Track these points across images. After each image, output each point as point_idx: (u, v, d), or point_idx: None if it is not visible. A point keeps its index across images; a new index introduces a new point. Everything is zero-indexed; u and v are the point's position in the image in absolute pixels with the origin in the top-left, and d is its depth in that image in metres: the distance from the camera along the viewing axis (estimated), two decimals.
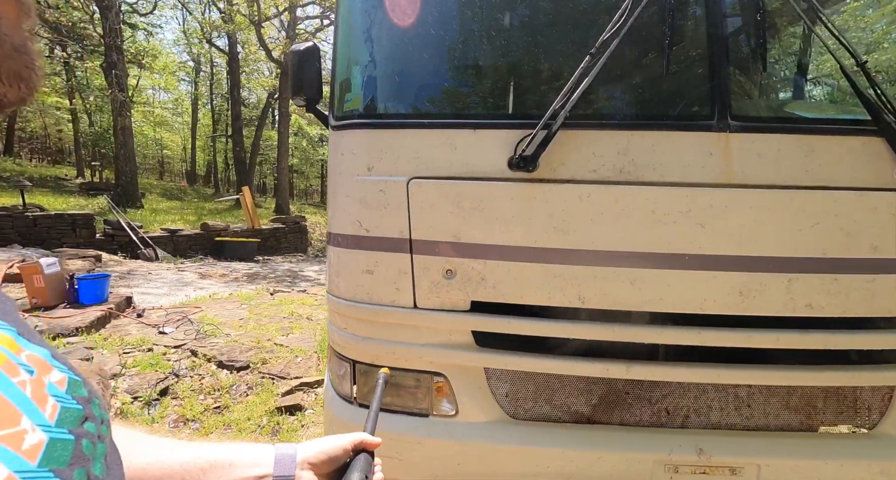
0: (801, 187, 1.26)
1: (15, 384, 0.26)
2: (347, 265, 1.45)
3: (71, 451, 0.28)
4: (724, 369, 1.33)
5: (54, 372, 0.30)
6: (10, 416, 0.25)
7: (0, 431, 0.23)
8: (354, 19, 1.52)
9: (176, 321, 4.41)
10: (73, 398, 0.30)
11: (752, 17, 1.32)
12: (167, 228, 9.67)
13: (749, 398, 1.41)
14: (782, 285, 1.27)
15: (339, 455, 0.56)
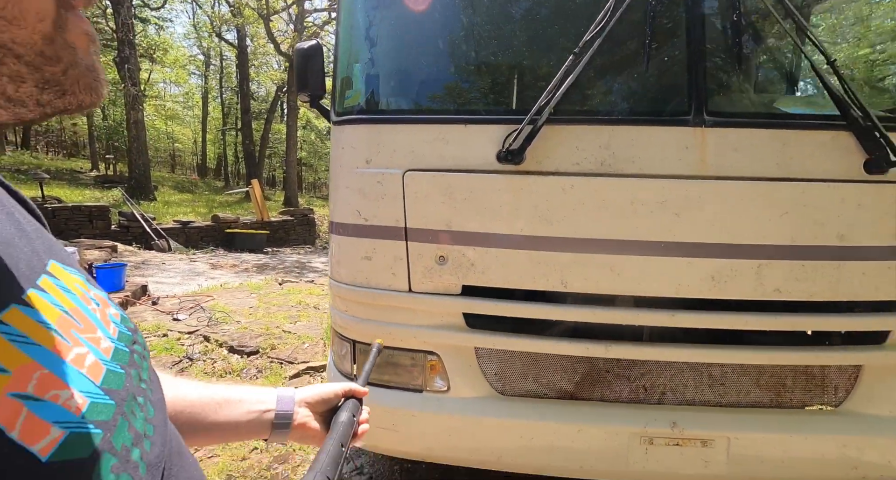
0: (772, 178, 1.34)
1: (89, 309, 0.36)
2: (348, 252, 1.56)
3: (127, 358, 0.37)
4: (697, 349, 1.42)
5: (111, 308, 0.40)
6: (89, 327, 0.34)
7: (85, 334, 0.33)
8: (354, 21, 1.61)
9: (189, 309, 4.58)
10: (125, 327, 0.39)
11: (728, 17, 1.39)
12: (179, 220, 9.90)
13: (723, 376, 1.50)
14: (753, 271, 1.35)
15: (331, 398, 0.65)
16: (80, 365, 0.30)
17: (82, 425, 0.28)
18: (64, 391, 0.28)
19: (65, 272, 0.36)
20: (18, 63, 0.27)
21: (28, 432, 0.25)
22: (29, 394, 0.26)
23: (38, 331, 0.29)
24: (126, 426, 0.32)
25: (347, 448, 0.54)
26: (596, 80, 1.44)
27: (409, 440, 1.56)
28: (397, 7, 1.56)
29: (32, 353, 0.28)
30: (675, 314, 1.39)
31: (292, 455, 2.34)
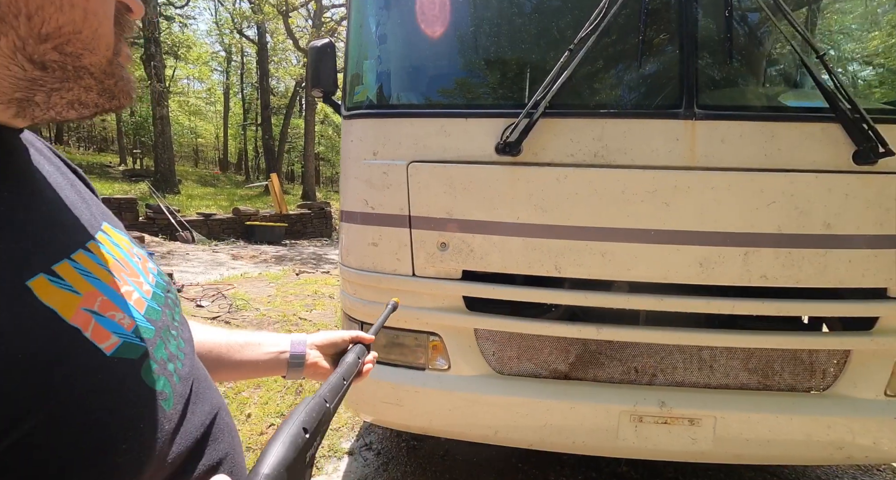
0: (760, 169, 1.39)
1: (134, 261, 0.45)
2: (356, 239, 1.67)
3: (163, 300, 0.46)
4: (686, 332, 1.49)
5: (150, 263, 0.49)
6: (134, 273, 0.44)
7: (132, 278, 0.43)
8: (363, 21, 1.71)
9: (211, 296, 4.81)
10: (160, 279, 0.49)
11: (719, 12, 1.43)
12: (202, 212, 10.25)
13: (712, 359, 1.56)
14: (739, 258, 1.41)
15: (339, 342, 0.72)
16: (128, 298, 0.40)
17: (132, 337, 0.37)
18: (118, 313, 0.37)
19: (114, 232, 0.46)
20: (91, 79, 0.36)
21: (97, 334, 0.34)
22: (95, 310, 0.35)
23: (98, 270, 0.38)
24: (163, 346, 0.42)
25: (350, 382, 0.60)
26: (591, 74, 1.50)
27: (413, 414, 1.68)
28: (402, 8, 1.65)
29: (95, 284, 0.37)
30: (664, 298, 1.46)
31: None
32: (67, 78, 0.34)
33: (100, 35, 0.35)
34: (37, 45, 0.32)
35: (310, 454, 0.42)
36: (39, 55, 0.32)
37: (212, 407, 0.48)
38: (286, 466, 0.37)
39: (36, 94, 0.34)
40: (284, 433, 0.39)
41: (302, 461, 0.40)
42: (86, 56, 0.35)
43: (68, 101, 0.35)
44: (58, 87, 0.34)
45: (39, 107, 0.34)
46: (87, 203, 0.45)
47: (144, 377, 0.37)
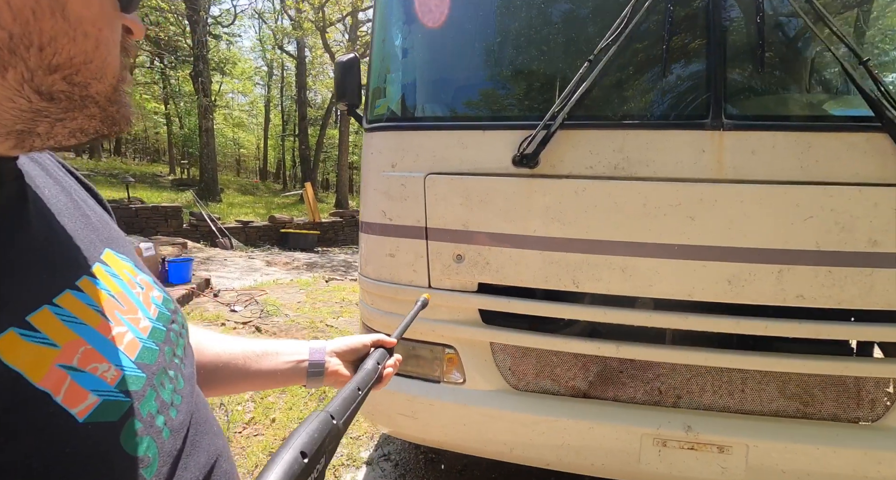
0: (795, 182, 1.30)
1: (134, 293, 0.41)
2: (374, 250, 1.69)
3: (163, 336, 0.42)
4: (713, 352, 1.40)
5: (155, 290, 0.45)
6: (131, 309, 0.40)
7: (127, 315, 0.39)
8: (384, 36, 1.75)
9: (245, 302, 4.99)
10: (165, 308, 0.45)
11: (750, 17, 1.37)
12: (241, 220, 10.71)
13: (743, 383, 1.46)
14: (772, 276, 1.32)
15: (359, 348, 0.69)
16: (119, 342, 0.36)
17: (114, 393, 0.33)
18: (102, 364, 0.33)
19: (116, 259, 0.43)
20: (96, 107, 0.35)
21: (70, 397, 0.30)
22: (73, 366, 0.31)
23: (86, 313, 0.35)
24: (154, 396, 0.37)
25: (365, 391, 0.57)
26: (611, 84, 1.47)
27: (427, 427, 1.66)
28: (421, 24, 1.68)
29: (79, 331, 0.33)
30: (689, 316, 1.38)
31: None
32: (73, 107, 0.33)
33: (108, 63, 0.34)
34: (45, 77, 0.31)
35: (313, 477, 0.39)
36: (47, 86, 0.31)
37: (209, 457, 0.44)
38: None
39: (39, 125, 0.32)
40: (279, 460, 0.36)
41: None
42: (93, 85, 0.34)
43: (70, 130, 0.34)
44: (62, 117, 0.33)
45: (40, 137, 0.33)
46: (91, 226, 0.43)
47: (124, 444, 0.33)
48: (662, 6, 1.40)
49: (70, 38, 0.31)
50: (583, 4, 1.57)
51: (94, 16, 0.32)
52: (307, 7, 15.86)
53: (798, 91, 1.44)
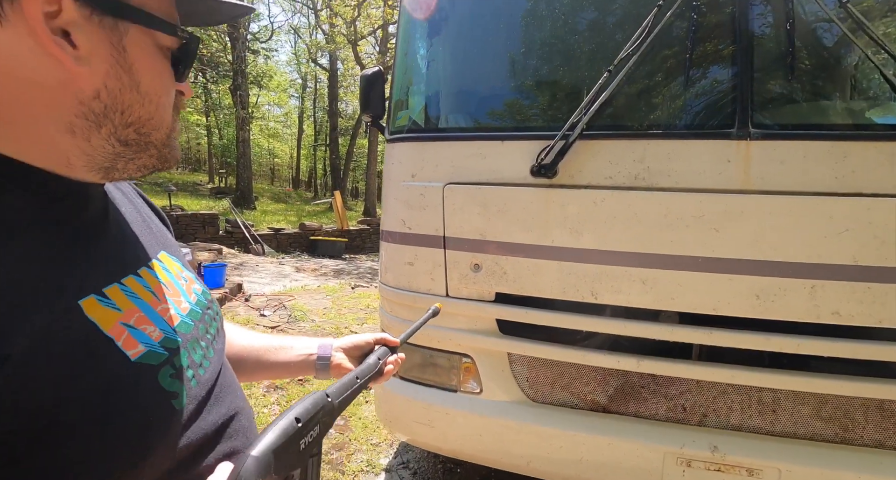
0: (829, 193, 1.24)
1: (179, 283, 0.55)
2: (393, 258, 1.72)
3: (199, 316, 0.55)
4: (742, 370, 1.34)
5: (196, 284, 0.59)
6: (176, 293, 0.53)
7: (172, 297, 0.52)
8: (406, 50, 1.80)
9: (274, 306, 5.14)
10: (203, 298, 0.58)
11: (779, 23, 1.33)
12: (273, 227, 11.07)
13: (775, 403, 1.39)
14: (804, 291, 1.26)
15: (363, 345, 0.78)
16: (163, 315, 0.49)
17: (157, 347, 0.46)
18: (150, 326, 0.46)
19: (169, 259, 0.57)
20: (154, 149, 0.47)
21: (126, 344, 0.43)
22: (130, 324, 0.44)
23: (142, 291, 0.48)
24: (186, 355, 0.49)
25: (364, 380, 0.64)
26: (632, 94, 1.45)
27: (444, 437, 1.67)
28: (441, 37, 1.72)
29: (136, 303, 0.46)
30: (713, 331, 1.33)
31: (348, 444, 2.56)
32: (140, 150, 0.46)
33: (164, 119, 0.47)
34: (123, 130, 0.44)
35: (304, 441, 0.47)
36: (124, 136, 0.44)
37: (229, 410, 0.54)
38: (273, 450, 0.42)
39: (118, 163, 0.46)
40: (277, 423, 0.45)
41: (294, 447, 0.45)
42: (153, 134, 0.47)
43: (137, 166, 0.47)
44: (132, 157, 0.46)
45: (118, 171, 0.46)
46: (153, 235, 0.57)
47: (160, 380, 0.45)
48: (686, 14, 1.38)
49: (140, 104, 0.44)
50: (602, 14, 1.57)
51: (157, 88, 0.46)
52: (340, 22, 16.43)
53: (832, 99, 1.38)
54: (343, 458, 2.42)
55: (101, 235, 0.48)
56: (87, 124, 0.42)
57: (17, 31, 0.36)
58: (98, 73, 0.41)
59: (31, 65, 0.38)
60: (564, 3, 1.56)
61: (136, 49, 0.43)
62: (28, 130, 0.40)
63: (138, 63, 0.43)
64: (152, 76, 0.45)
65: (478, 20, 1.67)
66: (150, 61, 0.44)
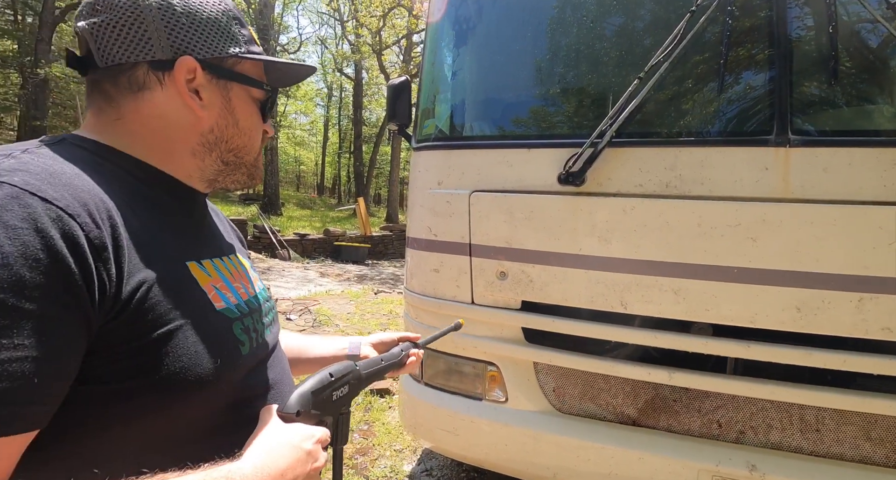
0: (877, 202, 1.18)
1: (250, 275, 0.70)
2: (419, 264, 1.74)
3: (259, 303, 0.67)
4: (782, 386, 1.29)
5: (259, 282, 0.72)
6: (246, 281, 0.67)
7: (243, 282, 0.65)
8: (433, 59, 1.83)
9: (299, 310, 5.24)
10: (264, 292, 0.71)
11: (820, 25, 1.28)
12: (298, 232, 11.31)
13: (818, 422, 1.32)
14: (851, 305, 1.20)
15: (389, 341, 0.89)
16: (238, 290, 0.63)
17: (233, 307, 0.60)
18: (229, 293, 0.61)
19: (241, 258, 0.72)
20: (245, 169, 0.66)
21: (214, 298, 0.58)
22: (216, 287, 0.59)
23: (225, 270, 0.63)
24: (252, 320, 0.63)
25: (388, 363, 0.76)
26: (662, 101, 1.43)
27: (469, 445, 1.65)
28: (468, 45, 1.73)
29: (221, 275, 0.62)
30: (751, 345, 1.28)
31: (371, 450, 2.57)
32: (235, 169, 0.66)
33: (253, 146, 0.66)
34: (226, 154, 0.63)
35: (336, 393, 0.60)
36: (227, 159, 0.64)
37: (277, 376, 0.67)
38: (311, 390, 0.56)
39: (219, 177, 0.65)
40: (315, 375, 0.58)
41: (328, 395, 0.58)
42: (245, 158, 0.66)
43: (232, 180, 0.66)
44: (229, 173, 0.65)
45: (218, 183, 0.66)
46: (231, 239, 0.74)
47: (234, 328, 0.59)
48: (720, 18, 1.35)
49: (238, 136, 0.64)
50: (630, 19, 1.55)
51: (250, 125, 0.65)
52: (365, 32, 16.79)
53: (878, 103, 1.31)
54: (367, 463, 2.43)
55: (204, 225, 0.67)
56: (204, 150, 0.62)
57: (170, 91, 0.58)
58: (213, 115, 0.61)
59: (176, 112, 0.58)
60: (591, 9, 1.56)
61: (237, 99, 0.63)
62: (171, 153, 0.60)
63: (238, 108, 0.63)
64: (246, 117, 0.64)
65: (504, 28, 1.68)
66: (245, 107, 0.64)
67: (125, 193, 0.53)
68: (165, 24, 0.56)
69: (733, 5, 1.32)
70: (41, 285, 0.41)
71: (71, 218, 0.44)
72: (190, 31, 0.57)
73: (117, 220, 0.49)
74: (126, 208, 0.51)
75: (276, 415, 0.54)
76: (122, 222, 0.49)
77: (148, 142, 0.58)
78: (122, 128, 0.57)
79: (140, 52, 0.56)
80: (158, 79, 0.57)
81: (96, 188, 0.49)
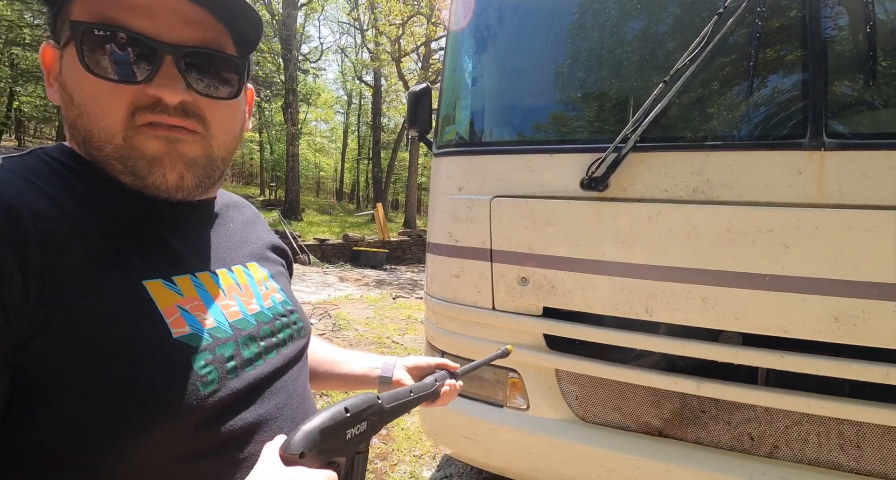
0: None
1: (258, 289, 0.60)
2: (440, 270, 1.74)
3: (267, 319, 0.58)
4: (819, 399, 1.23)
5: (278, 294, 0.63)
6: (249, 295, 0.58)
7: (242, 298, 0.56)
8: (453, 69, 1.84)
9: (319, 315, 5.30)
10: (281, 306, 0.62)
11: (855, 21, 1.24)
12: (318, 237, 11.49)
13: (859, 438, 1.26)
14: (894, 315, 1.15)
15: (425, 366, 0.81)
16: (224, 309, 0.53)
17: (201, 332, 0.49)
18: (204, 314, 0.50)
19: (258, 268, 0.63)
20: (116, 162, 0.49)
21: (175, 323, 0.47)
22: (186, 309, 0.49)
23: (211, 286, 0.54)
24: (234, 347, 0.52)
25: (417, 396, 0.66)
26: (689, 105, 1.40)
27: (490, 452, 1.64)
28: (488, 52, 1.74)
29: (201, 294, 0.52)
30: (785, 355, 1.24)
31: (391, 454, 2.57)
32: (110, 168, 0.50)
33: (106, 125, 0.48)
34: (90, 150, 0.49)
35: (351, 432, 0.49)
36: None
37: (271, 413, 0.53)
38: (320, 429, 0.45)
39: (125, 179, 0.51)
40: (328, 409, 0.48)
41: (341, 434, 0.48)
42: (105, 147, 0.49)
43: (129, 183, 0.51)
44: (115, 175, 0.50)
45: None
46: (247, 246, 0.64)
47: (193, 361, 0.47)
48: (749, 19, 1.32)
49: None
50: (654, 22, 1.53)
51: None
52: (385, 40, 17.04)
53: None
54: (387, 468, 2.43)
55: (194, 237, 0.56)
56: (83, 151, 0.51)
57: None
58: (56, 98, 0.51)
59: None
60: (613, 13, 1.54)
61: (67, 65, 0.49)
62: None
63: (68, 76, 0.49)
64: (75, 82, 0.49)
65: (526, 34, 1.68)
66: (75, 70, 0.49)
67: (72, 202, 0.45)
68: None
69: (763, 6, 1.29)
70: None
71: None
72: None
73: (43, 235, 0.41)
74: (62, 219, 0.43)
75: (279, 455, 0.44)
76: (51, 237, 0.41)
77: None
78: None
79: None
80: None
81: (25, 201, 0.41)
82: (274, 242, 0.71)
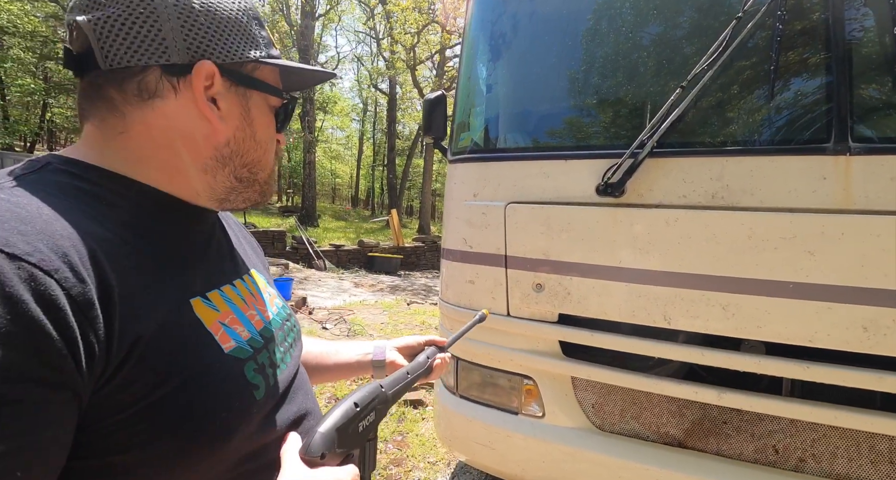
0: None
1: (265, 296, 0.64)
2: (454, 276, 1.74)
3: (279, 325, 0.63)
4: (849, 411, 1.19)
5: (278, 299, 0.68)
6: (261, 303, 0.62)
7: (258, 306, 0.61)
8: (468, 76, 1.86)
9: (334, 320, 5.35)
10: (283, 310, 0.67)
11: (882, 23, 1.21)
12: (333, 243, 11.62)
13: (891, 452, 1.21)
14: None
15: (415, 345, 0.86)
16: (251, 319, 0.58)
17: (245, 344, 0.54)
18: (240, 327, 0.55)
19: (257, 276, 0.67)
20: (258, 186, 0.59)
21: (222, 338, 0.51)
22: (226, 323, 0.53)
23: (236, 298, 0.57)
24: (267, 355, 0.57)
25: (414, 376, 0.71)
26: (707, 110, 1.38)
27: (504, 460, 1.62)
28: (504, 59, 1.75)
29: (231, 307, 0.55)
30: (811, 366, 1.20)
31: (405, 461, 2.56)
32: (248, 186, 0.58)
33: (268, 162, 0.59)
34: (240, 169, 0.56)
35: (362, 424, 0.53)
36: (239, 174, 0.56)
37: (300, 409, 0.61)
38: (336, 428, 0.49)
39: (230, 195, 0.57)
40: (338, 407, 0.52)
41: (354, 428, 0.52)
42: (259, 174, 0.59)
43: (244, 199, 0.59)
44: (242, 191, 0.58)
45: (230, 202, 0.58)
46: (246, 254, 0.68)
47: (245, 372, 0.52)
48: (769, 22, 1.30)
49: (254, 150, 0.57)
50: (670, 27, 1.52)
51: (266, 138, 0.58)
52: (400, 48, 17.27)
53: None
54: (401, 475, 2.43)
55: (212, 246, 0.59)
56: (217, 165, 0.55)
57: (184, 99, 0.51)
58: (230, 127, 0.54)
59: (190, 123, 0.52)
60: (629, 18, 1.54)
61: (256, 109, 0.56)
62: (177, 171, 0.53)
63: (257, 119, 0.56)
64: (263, 128, 0.57)
65: (541, 41, 1.69)
66: (263, 117, 0.57)
67: (119, 226, 0.46)
68: (182, 24, 0.48)
69: (783, 9, 1.27)
70: (16, 364, 0.34)
71: (47, 275, 0.37)
72: (209, 33, 0.50)
73: (106, 266, 0.41)
74: (119, 246, 0.44)
75: (300, 459, 0.47)
76: (112, 266, 0.42)
77: (152, 159, 0.51)
78: (124, 143, 0.50)
79: (153, 55, 0.48)
80: (173, 86, 0.49)
81: (79, 230, 0.41)
82: (254, 241, 0.78)
